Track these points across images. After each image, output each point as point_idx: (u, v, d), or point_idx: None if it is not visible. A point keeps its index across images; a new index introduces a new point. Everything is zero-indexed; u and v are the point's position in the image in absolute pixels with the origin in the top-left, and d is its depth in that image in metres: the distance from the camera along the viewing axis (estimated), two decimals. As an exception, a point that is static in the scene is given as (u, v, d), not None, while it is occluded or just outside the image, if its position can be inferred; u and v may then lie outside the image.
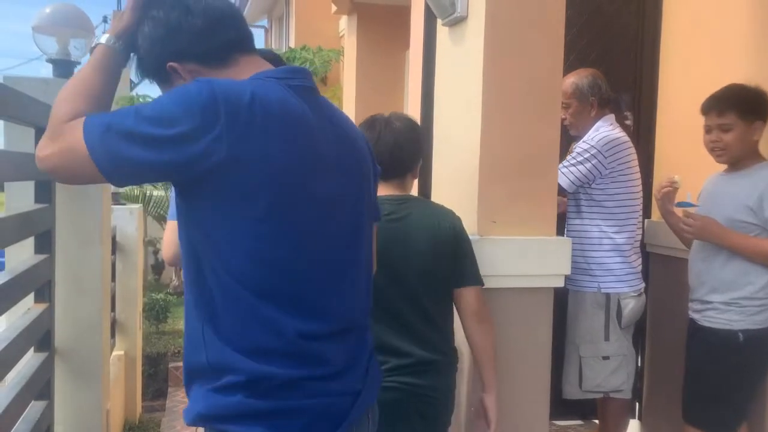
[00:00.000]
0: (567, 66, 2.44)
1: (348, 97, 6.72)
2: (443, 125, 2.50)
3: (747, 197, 2.37)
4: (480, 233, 2.16)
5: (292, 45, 8.37)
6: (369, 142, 1.50)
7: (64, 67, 2.85)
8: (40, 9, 3.13)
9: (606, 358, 2.77)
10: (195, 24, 1.26)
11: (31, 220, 2.00)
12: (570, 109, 2.85)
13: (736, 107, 2.39)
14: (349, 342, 1.31)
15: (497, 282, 2.13)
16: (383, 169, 1.68)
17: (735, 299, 2.39)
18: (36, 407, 2.01)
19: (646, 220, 3.19)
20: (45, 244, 2.13)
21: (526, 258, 2.19)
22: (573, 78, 2.85)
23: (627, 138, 2.86)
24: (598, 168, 2.75)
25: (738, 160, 2.46)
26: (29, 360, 2.03)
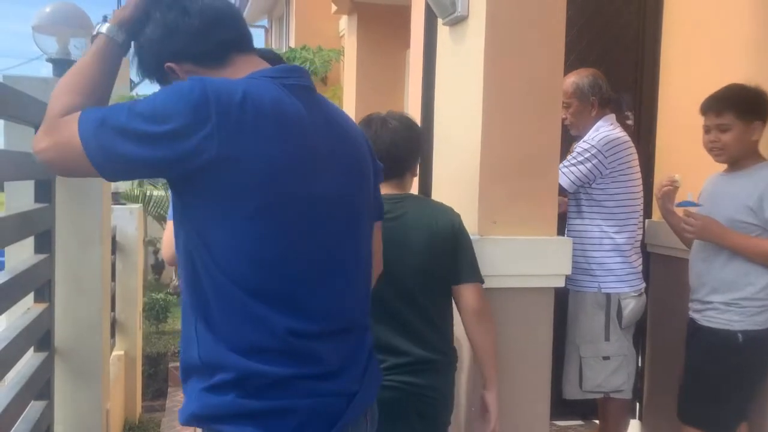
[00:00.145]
0: (567, 66, 2.43)
1: (348, 97, 6.71)
2: (443, 125, 2.50)
3: (747, 197, 2.37)
4: (480, 233, 2.16)
5: (292, 45, 8.37)
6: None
7: (64, 67, 2.85)
8: (40, 9, 3.13)
9: (606, 358, 2.77)
10: (192, 25, 1.26)
11: (31, 219, 2.00)
12: (570, 109, 2.84)
13: (734, 107, 2.39)
14: (346, 342, 1.31)
15: (498, 282, 2.13)
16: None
17: (735, 300, 2.39)
18: (36, 407, 2.01)
19: (646, 220, 3.19)
20: (45, 243, 2.13)
21: (526, 258, 2.19)
22: (573, 78, 2.84)
23: (627, 138, 2.85)
24: (598, 168, 2.75)
25: (737, 160, 2.46)
26: (29, 360, 2.03)
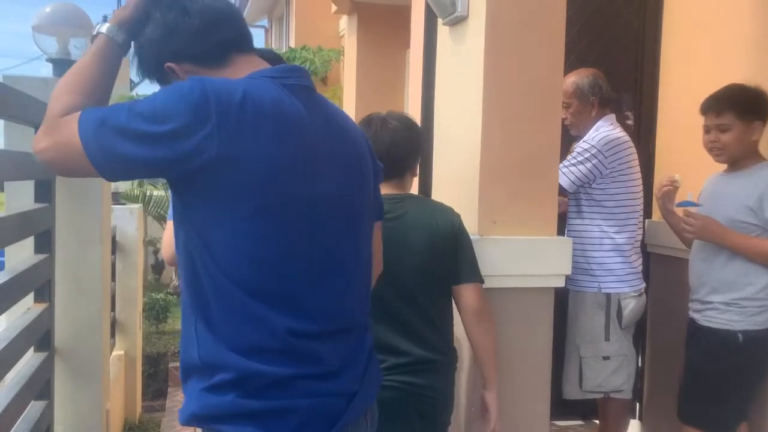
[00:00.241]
0: (567, 66, 2.43)
1: (348, 97, 6.71)
2: (443, 125, 2.50)
3: (747, 197, 2.37)
4: (480, 233, 2.16)
5: (292, 45, 8.37)
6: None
7: (64, 67, 2.84)
8: (40, 9, 3.13)
9: (606, 358, 2.76)
10: (191, 25, 1.27)
11: (31, 219, 1.99)
12: (570, 109, 2.84)
13: (734, 107, 2.39)
14: (346, 342, 1.31)
15: (498, 282, 2.13)
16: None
17: (735, 300, 2.39)
18: (36, 407, 2.01)
19: (646, 220, 3.19)
20: (45, 243, 2.13)
21: (526, 258, 2.19)
22: (573, 77, 2.84)
23: (627, 138, 2.85)
24: (598, 168, 2.74)
25: (737, 159, 2.46)
26: (29, 360, 2.02)
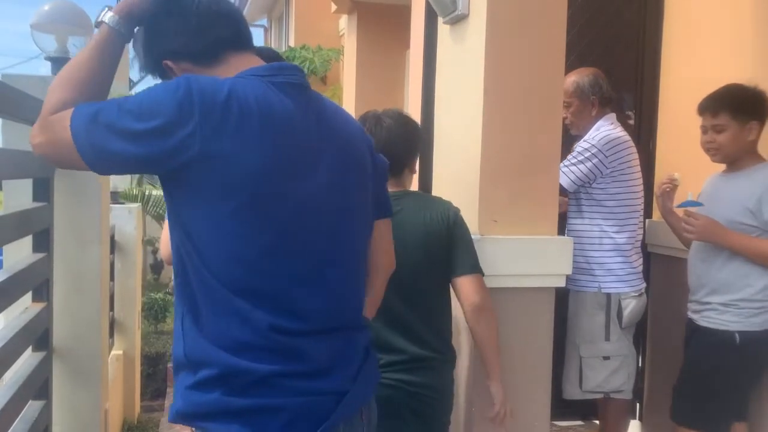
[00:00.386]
0: (568, 65, 2.43)
1: (348, 97, 6.71)
2: (444, 124, 2.49)
3: (746, 199, 2.36)
4: (481, 233, 2.15)
5: (291, 44, 8.37)
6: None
7: (62, 65, 2.82)
8: (39, 7, 3.11)
9: (606, 358, 2.76)
10: (188, 24, 1.28)
11: (29, 218, 1.98)
12: (571, 108, 2.84)
13: (729, 108, 2.38)
14: (336, 340, 1.30)
15: (498, 282, 2.12)
16: None
17: (733, 301, 2.38)
18: (34, 407, 2.00)
19: (647, 219, 3.18)
20: (43, 242, 2.12)
21: (527, 257, 2.18)
22: (574, 77, 2.84)
23: (628, 137, 2.85)
24: (598, 167, 2.74)
25: (734, 160, 2.46)
26: (27, 359, 2.01)
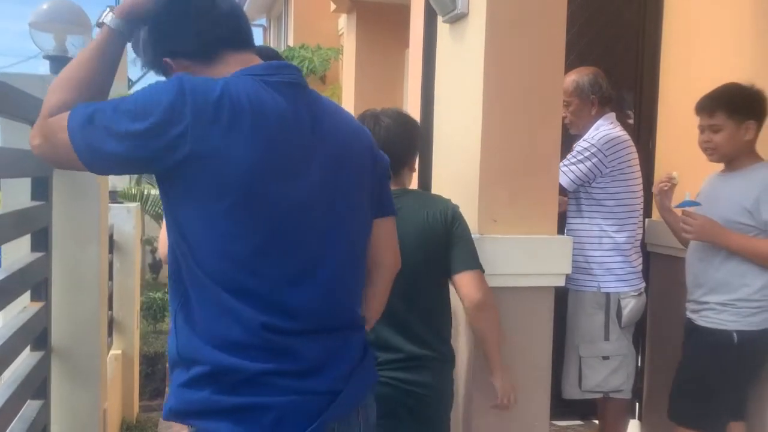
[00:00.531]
0: (568, 64, 2.42)
1: (347, 96, 6.70)
2: (443, 123, 2.49)
3: (744, 199, 2.36)
4: (480, 232, 2.15)
5: (290, 43, 8.36)
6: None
7: (61, 64, 2.82)
8: (37, 6, 3.11)
9: (606, 357, 2.76)
10: (187, 23, 1.29)
11: (28, 217, 1.98)
12: (570, 108, 2.84)
13: (725, 107, 2.38)
14: (329, 340, 1.30)
15: (497, 281, 2.12)
16: None
17: (731, 300, 2.38)
18: (32, 406, 2.00)
19: (646, 219, 3.18)
20: (41, 241, 2.11)
21: (526, 257, 2.18)
22: (574, 76, 2.83)
23: (627, 137, 2.85)
24: (598, 167, 2.74)
25: (731, 159, 2.45)
26: (25, 359, 2.01)
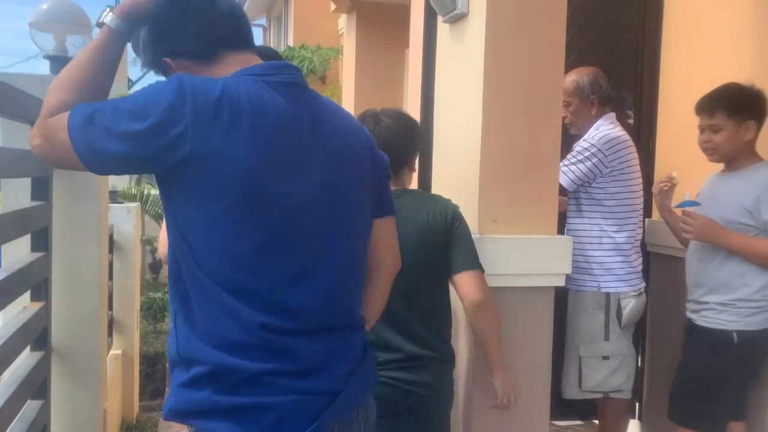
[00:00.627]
0: (568, 64, 2.42)
1: (347, 96, 6.70)
2: (443, 123, 2.49)
3: (743, 199, 2.36)
4: (480, 232, 2.15)
5: (290, 44, 8.36)
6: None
7: (61, 64, 2.82)
8: (37, 6, 3.11)
9: (606, 357, 2.76)
10: (187, 23, 1.29)
11: (28, 217, 1.98)
12: (570, 108, 2.83)
13: (725, 107, 2.38)
14: (329, 340, 1.30)
15: (497, 281, 2.12)
16: None
17: (731, 300, 2.38)
18: (32, 406, 2.00)
19: (646, 219, 3.18)
20: (41, 241, 2.11)
21: (526, 257, 2.18)
22: (574, 76, 2.83)
23: (627, 137, 2.84)
24: (598, 167, 2.74)
25: (731, 159, 2.45)
26: (25, 359, 2.01)
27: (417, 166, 2.15)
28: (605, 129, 2.81)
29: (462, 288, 1.95)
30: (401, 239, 1.87)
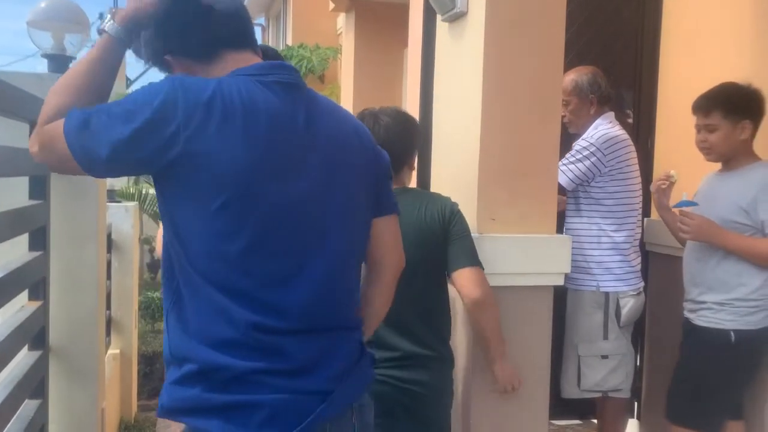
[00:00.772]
0: (567, 63, 2.42)
1: (346, 95, 6.69)
2: (442, 122, 2.49)
3: (740, 198, 2.36)
4: (479, 231, 2.15)
5: (289, 43, 8.35)
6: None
7: (59, 63, 2.81)
8: (35, 5, 3.10)
9: (605, 357, 2.76)
10: (187, 23, 1.30)
11: (26, 216, 1.98)
12: (569, 107, 2.83)
13: (720, 107, 2.38)
14: (321, 340, 1.30)
15: (496, 280, 2.11)
16: None
17: (728, 300, 2.38)
18: (30, 406, 2.00)
19: (645, 218, 3.18)
20: (39, 240, 2.11)
21: (525, 256, 2.18)
22: (573, 75, 2.83)
23: (626, 136, 2.84)
24: (597, 166, 2.73)
25: (728, 159, 2.45)
26: (23, 358, 2.01)
27: (416, 164, 2.15)
28: (604, 128, 2.80)
29: (460, 285, 1.94)
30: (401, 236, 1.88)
